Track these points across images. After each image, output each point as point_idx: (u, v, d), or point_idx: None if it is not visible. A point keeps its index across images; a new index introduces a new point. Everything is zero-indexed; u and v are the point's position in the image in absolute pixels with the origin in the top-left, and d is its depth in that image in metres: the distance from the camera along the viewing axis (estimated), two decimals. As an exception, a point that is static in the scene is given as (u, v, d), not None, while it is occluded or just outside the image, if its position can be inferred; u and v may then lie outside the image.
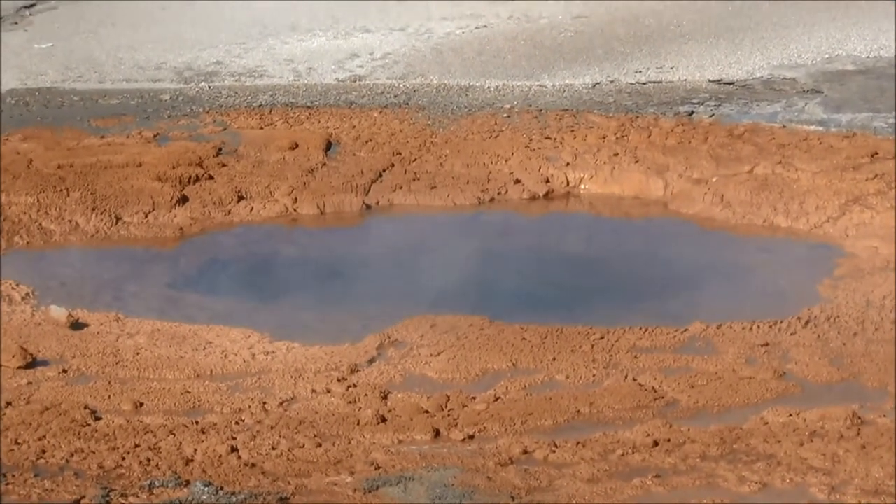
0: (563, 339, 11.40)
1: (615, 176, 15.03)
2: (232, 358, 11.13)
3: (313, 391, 10.48)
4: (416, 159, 15.31)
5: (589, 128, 15.80)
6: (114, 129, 16.10)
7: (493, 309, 12.01)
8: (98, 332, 11.62)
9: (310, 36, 20.47)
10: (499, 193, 14.84)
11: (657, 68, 18.13)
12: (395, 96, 17.20)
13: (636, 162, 15.10)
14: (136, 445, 9.39)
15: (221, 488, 8.72)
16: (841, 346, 11.23)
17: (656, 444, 9.48)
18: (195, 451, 9.34)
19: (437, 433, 9.75)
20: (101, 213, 14.13)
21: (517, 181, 14.98)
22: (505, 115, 16.35)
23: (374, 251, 13.95)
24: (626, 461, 9.22)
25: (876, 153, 14.71)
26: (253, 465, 9.16)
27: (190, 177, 14.75)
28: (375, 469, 9.08)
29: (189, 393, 10.43)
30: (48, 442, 9.42)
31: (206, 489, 8.66)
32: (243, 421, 9.93)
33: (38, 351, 11.11)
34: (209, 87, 17.77)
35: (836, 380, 10.68)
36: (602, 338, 11.40)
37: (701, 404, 10.24)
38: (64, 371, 10.81)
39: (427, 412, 10.11)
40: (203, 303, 12.51)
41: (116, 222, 14.12)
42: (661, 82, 17.52)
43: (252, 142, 15.64)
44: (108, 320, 11.89)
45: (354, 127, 16.06)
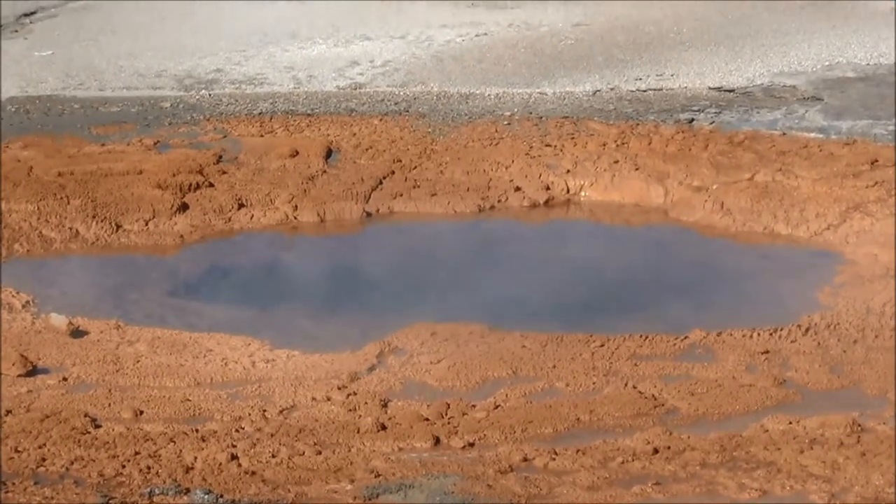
0: (563, 346, 11.39)
1: (615, 183, 15.03)
2: (232, 366, 11.13)
3: (313, 399, 10.47)
4: (416, 167, 15.31)
5: (589, 135, 15.79)
6: (114, 136, 16.09)
7: (494, 317, 12.00)
8: (98, 340, 11.62)
9: (310, 44, 20.48)
10: (499, 201, 14.83)
11: (657, 76, 18.13)
12: (396, 104, 17.20)
13: (636, 169, 15.10)
14: (137, 453, 9.37)
15: (221, 496, 8.70)
16: (841, 353, 11.22)
17: (656, 451, 9.45)
18: (195, 458, 9.32)
19: (437, 441, 9.73)
20: (102, 221, 14.12)
21: (517, 189, 14.98)
22: (505, 123, 16.34)
23: (375, 259, 13.94)
24: (626, 469, 9.20)
25: (876, 160, 14.68)
26: (253, 473, 9.14)
27: (190, 184, 14.75)
28: (375, 477, 9.06)
29: (189, 401, 10.42)
30: (48, 450, 9.40)
31: (206, 497, 8.64)
32: (243, 429, 9.91)
33: (39, 359, 11.11)
34: (209, 95, 17.78)
35: (836, 387, 10.66)
36: (602, 345, 11.38)
37: (701, 412, 10.23)
38: (64, 379, 10.80)
39: (427, 420, 10.09)
40: (203, 311, 12.50)
41: (117, 230, 14.12)
42: (661, 90, 17.52)
43: (252, 149, 15.64)
44: (108, 328, 11.88)
45: (355, 134, 16.05)
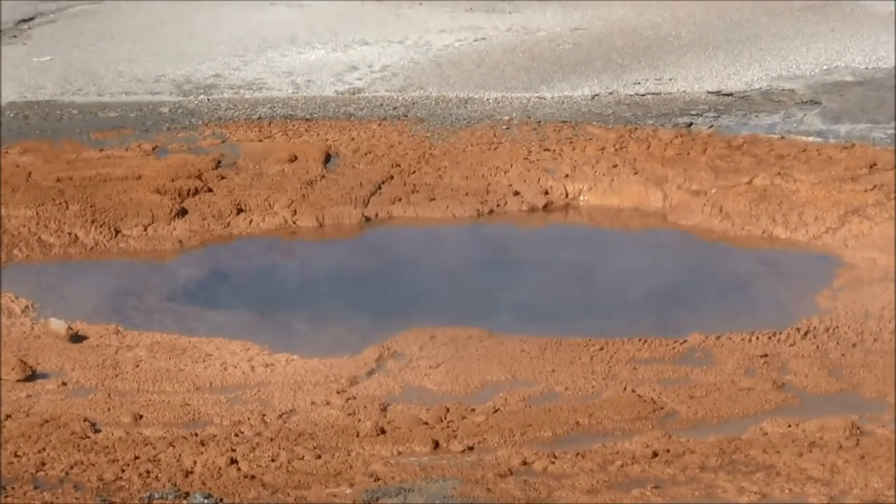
0: (563, 350, 11.39)
1: (614, 187, 15.03)
2: (231, 370, 11.13)
3: (312, 403, 10.47)
4: (415, 171, 15.31)
5: (588, 139, 15.80)
6: (113, 141, 16.09)
7: (493, 321, 12.00)
8: (97, 345, 11.62)
9: (309, 49, 20.47)
10: (498, 205, 14.83)
11: (656, 80, 18.14)
12: (394, 108, 17.20)
13: (635, 173, 15.10)
14: (136, 457, 9.37)
15: (221, 500, 8.71)
16: (840, 356, 11.23)
17: (655, 454, 9.46)
18: (195, 463, 9.32)
19: (436, 445, 9.73)
20: (101, 226, 14.11)
21: (516, 193, 14.98)
22: (504, 127, 16.35)
23: (373, 263, 13.93)
24: (626, 472, 9.20)
25: (875, 164, 14.70)
26: (252, 477, 9.14)
27: (189, 189, 14.75)
28: (375, 481, 9.06)
29: (188, 405, 10.42)
30: (48, 454, 9.40)
31: (205, 501, 8.65)
32: (243, 433, 9.91)
33: (38, 363, 11.10)
34: (208, 100, 17.77)
35: (835, 390, 10.67)
36: (601, 349, 11.39)
37: (700, 415, 10.23)
38: (63, 383, 10.80)
39: (426, 424, 10.09)
40: (202, 315, 12.49)
41: (116, 235, 14.11)
42: (659, 94, 17.53)
43: (251, 154, 15.63)
44: (107, 333, 11.88)
45: (353, 139, 16.05)
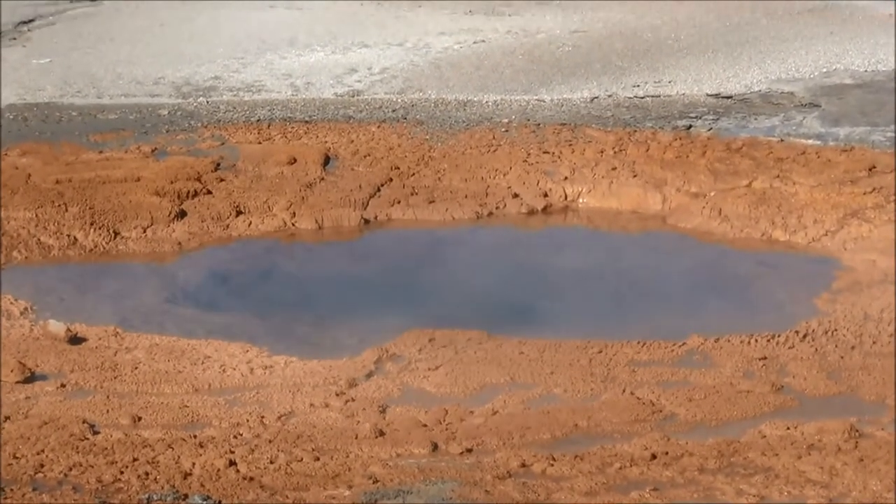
0: (561, 352, 11.39)
1: (613, 190, 15.03)
2: (230, 372, 11.12)
3: (311, 405, 10.46)
4: (414, 174, 15.32)
5: (587, 142, 15.80)
6: (112, 143, 16.11)
7: (492, 323, 11.99)
8: (96, 347, 11.61)
9: (308, 51, 20.50)
10: (497, 208, 14.84)
11: (655, 82, 18.16)
12: (394, 111, 17.22)
13: (634, 176, 15.11)
14: (135, 459, 9.36)
15: (220, 502, 8.70)
16: (839, 359, 11.22)
17: (654, 457, 9.45)
18: (193, 464, 9.31)
19: (435, 447, 9.72)
20: (100, 228, 14.12)
21: (515, 195, 14.99)
22: (503, 130, 16.35)
23: (373, 265, 13.92)
24: (624, 474, 9.18)
25: (874, 167, 14.71)
26: (251, 479, 9.12)
27: (188, 192, 14.76)
28: (374, 483, 9.05)
29: (187, 407, 10.41)
30: (46, 456, 9.38)
31: (204, 503, 8.63)
32: (241, 435, 9.90)
33: (37, 365, 11.10)
34: (207, 102, 17.79)
35: (833, 393, 10.66)
36: (600, 352, 11.38)
37: (699, 418, 10.23)
38: (62, 385, 10.79)
39: (425, 426, 10.09)
40: (201, 317, 12.48)
41: (115, 237, 14.11)
42: (659, 96, 17.54)
43: (250, 156, 15.64)
44: (106, 335, 11.87)
45: (352, 142, 16.06)
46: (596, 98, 17.56)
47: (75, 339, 11.71)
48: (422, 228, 14.60)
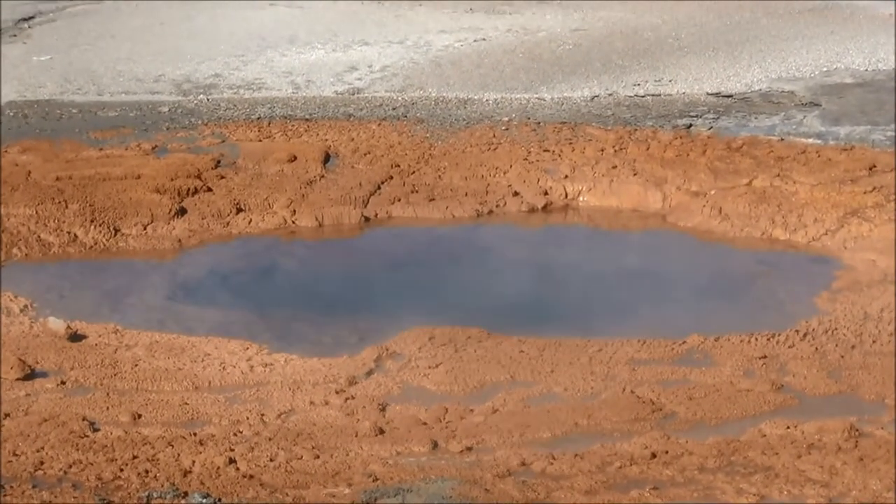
0: (562, 351, 11.38)
1: (613, 188, 15.03)
2: (230, 370, 11.12)
3: (311, 403, 10.47)
4: (414, 172, 15.31)
5: (587, 140, 15.80)
6: (112, 141, 16.10)
7: (492, 321, 11.98)
8: (96, 344, 11.61)
9: (308, 49, 20.48)
10: (497, 206, 14.83)
11: (655, 81, 18.15)
12: (394, 109, 17.21)
13: (634, 174, 15.10)
14: (135, 457, 9.37)
15: (219, 500, 8.70)
16: (839, 358, 11.21)
17: (654, 456, 9.45)
18: (193, 462, 9.32)
19: (435, 445, 9.73)
20: (100, 225, 14.11)
21: (515, 193, 14.99)
22: (503, 128, 16.35)
23: (373, 263, 13.91)
24: (624, 473, 9.19)
25: (874, 166, 14.71)
26: (251, 477, 9.13)
27: (188, 189, 14.75)
28: (373, 481, 9.05)
29: (187, 405, 10.41)
30: (46, 453, 9.39)
31: (203, 500, 8.64)
32: (241, 433, 9.91)
33: (37, 362, 11.10)
34: (208, 100, 17.78)
35: (833, 392, 10.66)
36: (600, 350, 11.38)
37: (699, 416, 10.22)
38: (62, 382, 10.80)
39: (425, 424, 10.10)
40: (201, 315, 12.47)
41: (115, 234, 14.11)
42: (659, 95, 17.54)
43: (250, 154, 15.63)
44: (106, 332, 11.87)
45: (353, 139, 16.05)
46: (596, 96, 17.55)
47: (75, 337, 11.71)
48: (422, 226, 14.59)
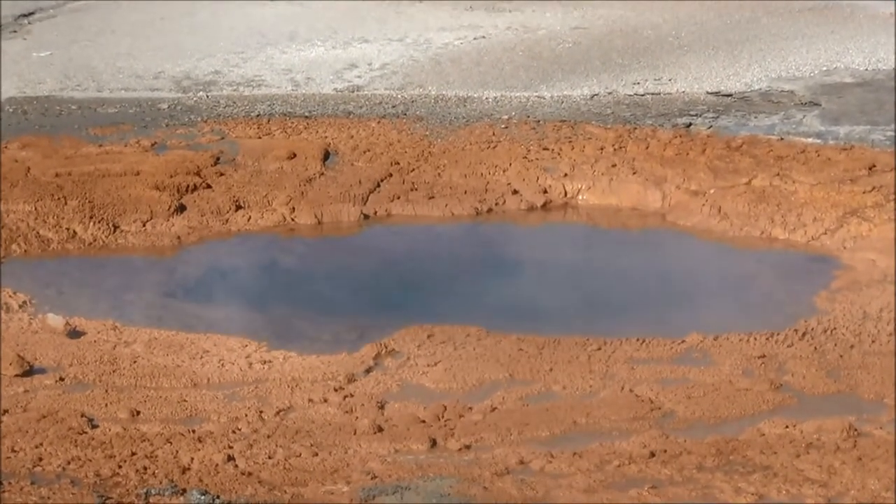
0: (560, 349, 11.36)
1: (613, 187, 15.02)
2: (229, 367, 11.10)
3: (310, 400, 10.45)
4: (413, 169, 15.30)
5: (587, 139, 15.78)
6: (112, 137, 16.09)
7: (491, 319, 11.97)
8: (95, 341, 11.59)
9: (308, 46, 20.49)
10: (496, 204, 14.82)
11: (655, 80, 18.14)
12: (394, 106, 17.20)
13: (634, 173, 15.09)
14: (133, 453, 9.37)
15: (218, 497, 8.69)
16: (838, 358, 11.19)
17: (653, 454, 9.43)
18: (192, 459, 9.31)
19: (433, 443, 9.72)
20: (99, 222, 14.11)
21: (515, 192, 14.97)
22: (503, 126, 16.34)
23: (372, 261, 13.91)
24: (623, 472, 9.18)
25: (874, 166, 14.68)
26: (249, 474, 9.13)
27: (188, 186, 14.75)
28: (372, 478, 9.05)
29: (186, 401, 10.40)
30: (45, 449, 9.38)
31: (202, 497, 8.63)
32: (240, 430, 9.90)
33: (35, 359, 11.09)
34: (207, 97, 17.78)
35: (832, 392, 10.62)
36: (599, 349, 11.36)
37: (697, 415, 10.20)
38: (61, 379, 10.78)
39: (424, 422, 10.08)
40: (200, 312, 12.48)
41: (114, 231, 14.11)
42: (659, 94, 17.53)
43: (250, 151, 15.62)
44: (105, 328, 11.85)
45: (352, 137, 16.04)
46: (596, 95, 17.54)
47: (74, 333, 11.70)
48: (421, 224, 14.58)
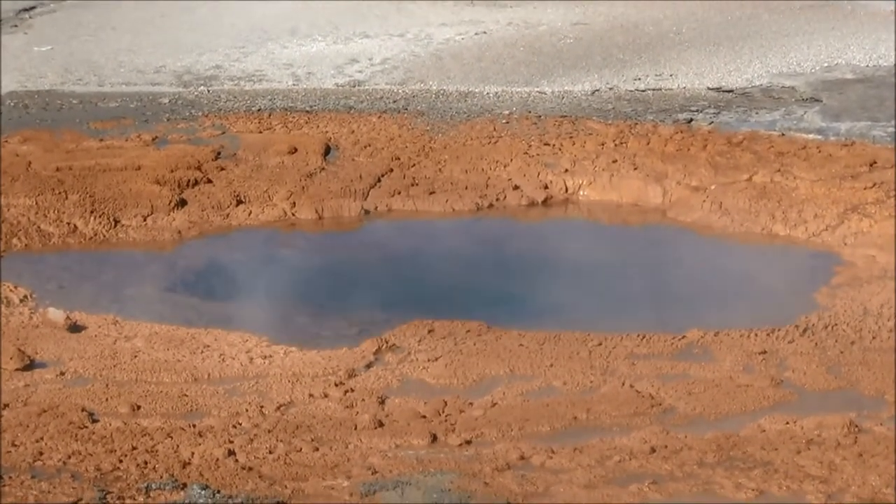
0: (561, 345, 11.37)
1: (614, 183, 15.01)
2: (229, 362, 11.10)
3: (311, 395, 10.45)
4: (414, 165, 15.29)
5: (588, 134, 15.77)
6: (113, 131, 16.08)
7: (491, 314, 11.97)
8: (96, 335, 11.60)
9: (309, 41, 20.46)
10: (497, 199, 14.82)
11: (656, 76, 18.12)
12: (394, 101, 17.19)
13: (635, 169, 15.08)
14: (134, 448, 9.36)
15: (218, 491, 8.68)
16: (838, 354, 11.19)
17: (653, 450, 9.43)
18: (192, 454, 9.31)
19: (434, 438, 9.72)
20: (100, 216, 14.11)
21: (516, 187, 14.97)
22: (504, 122, 16.32)
23: (372, 256, 13.91)
24: (623, 467, 9.17)
25: (875, 162, 14.66)
26: (250, 469, 9.12)
27: (188, 180, 14.74)
28: (372, 473, 9.05)
29: (186, 396, 10.40)
30: (45, 444, 9.38)
31: (202, 492, 8.61)
32: (241, 424, 9.89)
33: (36, 353, 11.08)
34: (208, 91, 17.76)
35: (833, 388, 10.63)
36: (599, 344, 11.36)
37: (698, 411, 10.20)
38: (61, 373, 10.78)
39: (424, 417, 10.09)
40: (201, 306, 12.49)
41: (115, 225, 14.10)
42: (660, 90, 17.50)
43: (251, 146, 15.62)
44: (105, 323, 11.85)
45: (353, 132, 16.03)
46: (597, 91, 17.52)
47: (75, 327, 11.70)
48: (422, 219, 14.57)
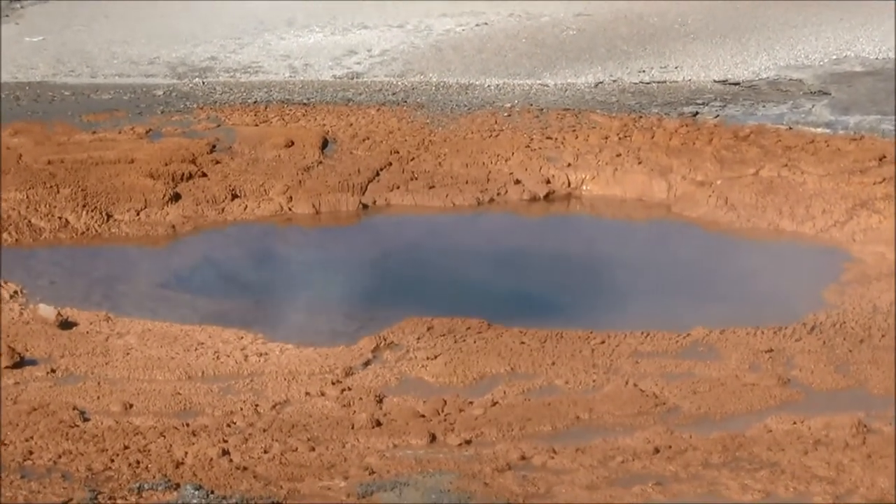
0: (563, 343, 11.32)
1: (617, 177, 14.98)
2: (224, 359, 11.04)
3: (307, 394, 10.39)
4: (414, 158, 15.25)
5: (591, 128, 15.76)
6: (105, 124, 16.07)
7: (492, 312, 11.89)
8: (87, 332, 11.54)
9: (307, 32, 20.55)
10: (498, 194, 14.78)
11: (661, 68, 18.15)
12: (394, 94, 17.17)
13: (639, 163, 15.04)
14: (126, 447, 9.29)
15: (212, 492, 8.61)
16: (847, 352, 11.13)
17: (657, 450, 9.37)
18: (186, 453, 9.24)
19: (433, 438, 9.66)
20: (92, 211, 14.05)
21: (517, 182, 14.91)
22: (505, 115, 16.30)
23: (370, 251, 13.86)
24: (627, 468, 9.10)
25: (884, 156, 14.63)
26: (245, 469, 9.05)
27: (183, 174, 14.69)
28: (370, 474, 8.97)
29: (180, 394, 10.34)
30: (35, 443, 9.31)
31: (196, 492, 8.55)
32: (235, 423, 9.84)
33: (27, 350, 11.03)
34: (203, 83, 17.77)
35: (841, 387, 10.58)
36: (602, 342, 11.31)
37: (703, 411, 10.14)
38: (52, 371, 10.72)
39: (423, 416, 10.03)
40: (195, 303, 12.43)
41: (107, 220, 14.06)
42: (665, 82, 17.52)
43: (247, 139, 15.58)
44: (97, 319, 11.80)
45: (351, 125, 15.99)
46: (601, 83, 17.52)
47: (66, 324, 11.65)
48: (421, 214, 14.54)
